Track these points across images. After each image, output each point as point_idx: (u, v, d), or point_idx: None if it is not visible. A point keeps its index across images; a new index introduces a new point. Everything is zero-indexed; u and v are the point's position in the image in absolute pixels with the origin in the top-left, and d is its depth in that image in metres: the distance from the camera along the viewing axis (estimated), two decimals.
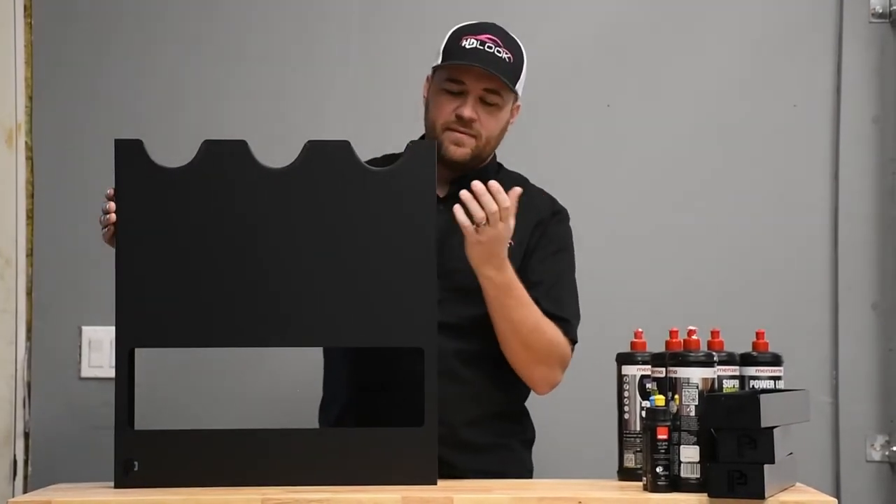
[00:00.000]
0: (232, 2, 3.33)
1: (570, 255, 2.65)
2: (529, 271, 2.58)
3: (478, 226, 2.35)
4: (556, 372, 2.56)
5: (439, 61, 2.58)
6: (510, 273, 2.45)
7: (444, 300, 2.42)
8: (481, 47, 2.55)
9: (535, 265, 2.59)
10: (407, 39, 3.31)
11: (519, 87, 2.59)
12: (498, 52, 2.56)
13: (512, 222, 2.38)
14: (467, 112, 2.55)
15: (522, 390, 2.65)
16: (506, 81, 2.53)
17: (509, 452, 2.62)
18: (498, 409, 2.61)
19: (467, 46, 2.56)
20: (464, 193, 2.33)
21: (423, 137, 2.67)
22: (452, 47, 2.57)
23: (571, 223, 2.68)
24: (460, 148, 2.57)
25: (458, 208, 2.34)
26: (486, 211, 2.34)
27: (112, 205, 2.31)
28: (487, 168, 2.65)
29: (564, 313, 2.57)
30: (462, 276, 2.50)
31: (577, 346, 2.60)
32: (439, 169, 2.61)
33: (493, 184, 2.35)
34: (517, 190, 2.37)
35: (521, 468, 2.62)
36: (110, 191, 2.31)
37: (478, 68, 2.53)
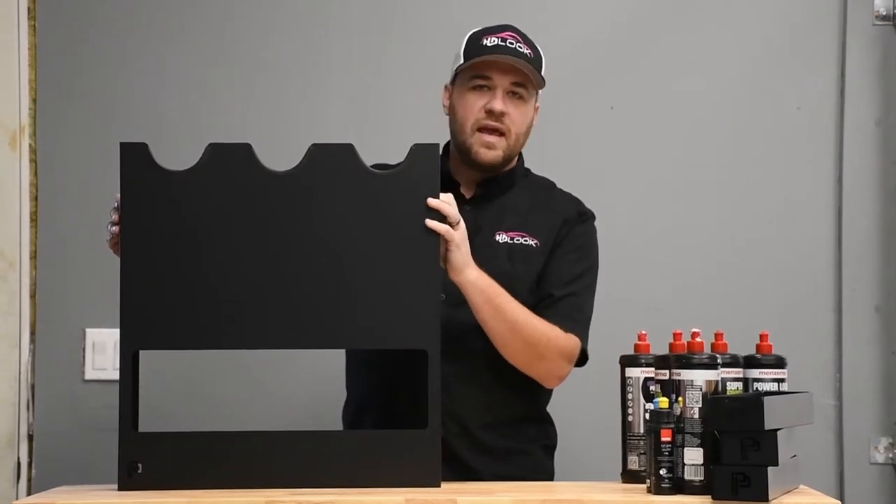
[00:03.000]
0: (236, 6, 3.33)
1: (591, 257, 2.65)
2: (548, 267, 2.59)
3: (452, 226, 2.34)
4: (562, 364, 2.55)
5: (461, 61, 2.60)
6: (484, 272, 2.45)
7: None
8: (503, 43, 2.58)
9: (553, 262, 2.60)
10: (408, 43, 3.32)
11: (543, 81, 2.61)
12: (520, 47, 2.58)
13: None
14: (498, 105, 2.56)
15: (544, 395, 2.65)
16: (535, 70, 2.56)
17: (531, 458, 2.62)
18: (519, 413, 2.61)
19: (489, 44, 2.58)
20: (432, 202, 2.31)
21: (447, 145, 2.67)
22: (474, 47, 2.59)
23: None
24: (491, 151, 2.58)
25: (429, 222, 2.31)
26: (452, 202, 2.34)
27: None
28: (515, 172, 2.67)
29: (571, 310, 2.56)
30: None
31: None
32: (466, 171, 2.62)
33: (442, 196, 2.34)
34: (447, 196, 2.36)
35: (542, 474, 2.62)
36: (118, 199, 2.31)
37: (503, 63, 2.55)
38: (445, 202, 2.32)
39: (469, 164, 2.61)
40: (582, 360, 2.59)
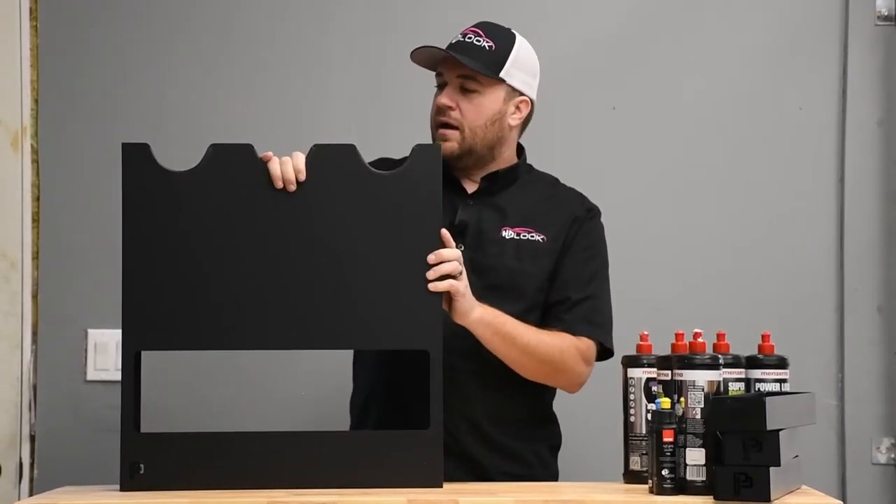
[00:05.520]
0: (237, 7, 3.33)
1: (602, 253, 2.66)
2: (561, 268, 2.59)
3: (455, 278, 2.33)
4: (580, 371, 2.55)
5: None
6: (484, 304, 2.44)
7: (478, 297, 2.42)
8: (462, 39, 2.59)
9: (567, 263, 2.60)
10: (410, 42, 3.29)
11: (506, 75, 2.58)
12: (477, 41, 2.58)
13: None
14: (441, 100, 2.58)
15: (549, 394, 2.65)
16: (465, 62, 2.54)
17: (538, 458, 2.62)
18: (529, 413, 2.62)
19: (452, 42, 2.59)
20: (431, 258, 2.30)
21: None
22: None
23: None
24: (446, 143, 2.58)
25: (433, 284, 2.30)
26: (453, 257, 2.33)
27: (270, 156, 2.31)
28: (517, 167, 2.67)
29: (589, 313, 2.57)
30: (495, 273, 2.53)
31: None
32: (467, 168, 2.62)
33: (443, 231, 2.34)
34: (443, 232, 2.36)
35: (548, 474, 2.63)
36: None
37: (451, 58, 2.56)
38: (445, 258, 2.31)
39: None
40: (606, 354, 2.60)
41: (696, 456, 2.16)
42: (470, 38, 2.58)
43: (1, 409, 3.19)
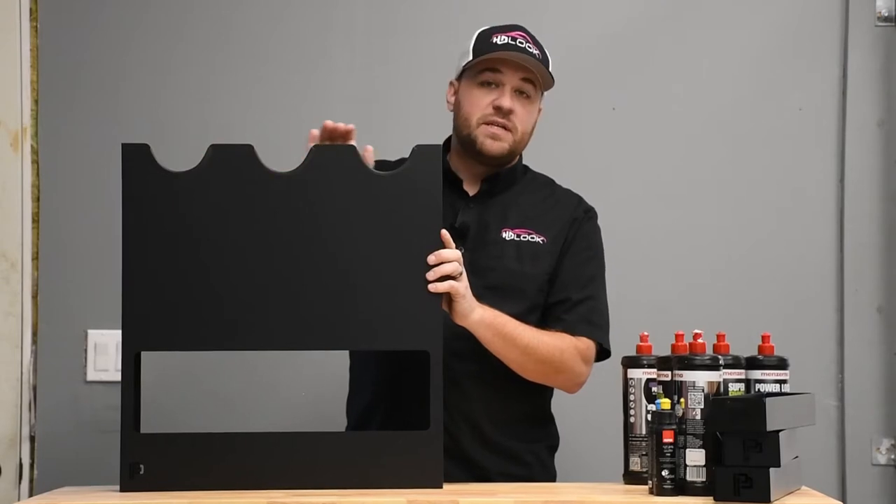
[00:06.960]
0: (238, 8, 3.33)
1: (600, 255, 2.67)
2: (561, 269, 2.60)
3: (455, 279, 2.33)
4: (579, 371, 2.56)
5: (470, 58, 2.60)
6: (484, 305, 2.44)
7: (479, 298, 2.42)
8: (513, 42, 2.59)
9: (567, 263, 2.61)
10: (411, 43, 3.32)
11: (547, 85, 2.63)
12: (529, 47, 2.59)
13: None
14: (507, 102, 2.57)
15: (548, 395, 2.66)
16: (544, 70, 2.57)
17: (537, 458, 2.63)
18: (528, 413, 2.62)
19: (499, 42, 2.59)
20: (432, 259, 2.30)
21: (448, 140, 2.67)
22: (484, 44, 2.60)
23: None
24: (497, 142, 2.58)
25: (433, 286, 2.30)
26: (453, 258, 2.33)
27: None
28: (516, 168, 2.67)
29: (589, 313, 2.58)
30: (495, 274, 2.54)
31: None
32: (471, 166, 2.63)
33: (443, 232, 2.34)
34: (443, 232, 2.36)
35: (546, 474, 2.63)
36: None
37: (513, 60, 2.56)
38: (446, 259, 2.31)
39: (474, 156, 2.61)
40: (604, 355, 2.61)
41: (695, 457, 2.16)
42: (521, 42, 2.59)
43: (1, 410, 3.19)
